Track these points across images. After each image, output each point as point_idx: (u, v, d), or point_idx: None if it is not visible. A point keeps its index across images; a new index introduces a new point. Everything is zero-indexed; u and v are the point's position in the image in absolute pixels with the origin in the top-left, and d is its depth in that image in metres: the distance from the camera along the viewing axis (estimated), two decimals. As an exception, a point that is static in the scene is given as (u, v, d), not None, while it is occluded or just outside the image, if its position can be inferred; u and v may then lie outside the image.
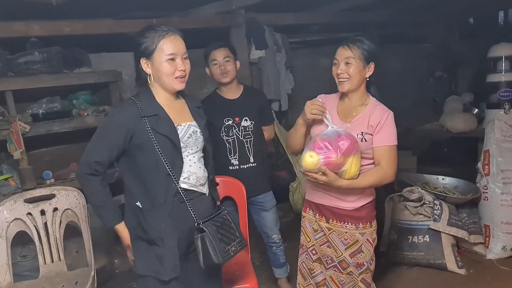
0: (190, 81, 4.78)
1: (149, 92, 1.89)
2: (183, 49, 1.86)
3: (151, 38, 1.82)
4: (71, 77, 3.31)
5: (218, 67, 2.76)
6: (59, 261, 2.43)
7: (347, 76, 2.08)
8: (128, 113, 1.83)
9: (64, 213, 2.46)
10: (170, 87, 1.87)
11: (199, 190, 1.94)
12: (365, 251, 2.19)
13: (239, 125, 2.78)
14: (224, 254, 1.86)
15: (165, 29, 1.84)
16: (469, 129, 3.99)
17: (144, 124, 1.82)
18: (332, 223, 2.20)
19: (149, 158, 1.82)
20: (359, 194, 2.16)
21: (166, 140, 1.83)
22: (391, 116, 2.11)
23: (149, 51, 1.82)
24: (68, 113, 3.38)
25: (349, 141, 1.95)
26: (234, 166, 2.80)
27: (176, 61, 1.83)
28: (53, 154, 3.59)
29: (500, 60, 3.78)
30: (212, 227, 1.87)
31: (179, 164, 1.88)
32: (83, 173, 1.83)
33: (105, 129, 1.86)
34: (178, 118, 1.90)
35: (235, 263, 2.63)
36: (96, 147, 1.84)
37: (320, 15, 4.87)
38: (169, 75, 1.84)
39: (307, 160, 1.95)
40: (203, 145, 1.98)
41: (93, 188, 1.84)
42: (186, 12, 4.09)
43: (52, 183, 3.17)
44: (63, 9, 3.16)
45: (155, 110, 1.85)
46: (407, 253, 3.26)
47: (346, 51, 2.08)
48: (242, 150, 2.79)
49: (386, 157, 2.07)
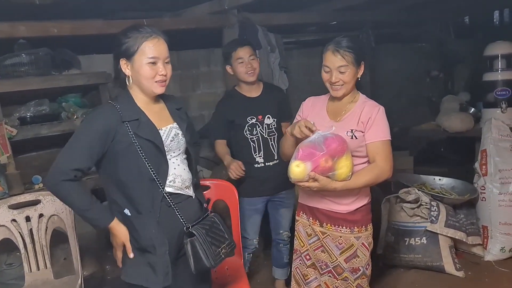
0: (183, 83, 4.78)
1: (128, 96, 1.82)
2: (166, 53, 1.80)
3: (133, 39, 1.76)
4: (59, 79, 3.23)
5: (244, 66, 2.69)
6: (45, 269, 2.36)
7: (342, 83, 2.04)
8: (108, 117, 1.75)
9: (50, 219, 2.40)
10: (149, 91, 1.82)
11: (185, 193, 1.89)
12: (361, 256, 2.13)
13: (262, 123, 2.75)
14: (215, 257, 1.82)
15: (148, 30, 1.77)
16: (466, 129, 3.93)
17: (125, 129, 1.75)
18: (326, 227, 2.15)
19: (131, 164, 1.76)
20: (354, 197, 2.10)
21: (149, 144, 1.77)
22: (382, 111, 2.06)
23: (130, 52, 1.75)
24: (57, 116, 3.32)
25: (337, 142, 1.89)
26: (259, 164, 2.77)
27: (158, 65, 1.78)
28: (43, 158, 3.51)
29: (497, 59, 3.75)
30: (202, 231, 1.81)
31: (165, 168, 1.82)
32: (57, 181, 1.70)
33: (84, 134, 1.75)
34: (160, 122, 1.85)
35: (228, 267, 2.57)
36: (74, 153, 1.72)
37: (315, 15, 4.81)
38: (149, 79, 1.78)
39: (294, 170, 1.90)
40: (185, 147, 1.93)
41: (74, 193, 1.72)
42: (177, 12, 4.03)
43: (41, 188, 3.10)
44: (51, 10, 3.10)
45: (136, 114, 1.79)
46: (404, 255, 3.20)
47: (338, 59, 2.01)
48: (266, 147, 2.77)
49: (380, 153, 2.02)
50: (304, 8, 4.69)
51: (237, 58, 2.70)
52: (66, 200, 1.77)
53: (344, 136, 2.02)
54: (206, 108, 4.66)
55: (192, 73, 4.60)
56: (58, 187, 1.71)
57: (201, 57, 4.65)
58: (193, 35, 4.26)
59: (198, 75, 4.64)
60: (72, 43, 3.52)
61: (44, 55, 3.19)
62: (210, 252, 1.80)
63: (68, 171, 1.69)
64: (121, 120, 1.75)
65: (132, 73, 1.79)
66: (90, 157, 1.72)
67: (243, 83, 2.78)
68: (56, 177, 1.70)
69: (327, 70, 2.05)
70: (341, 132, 2.03)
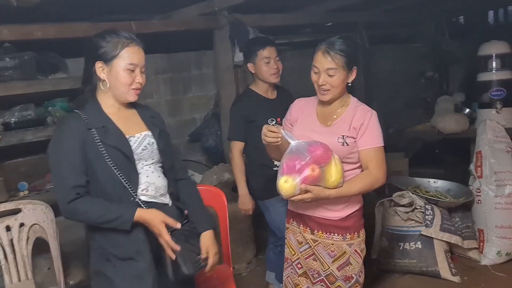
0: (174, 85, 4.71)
1: (95, 102, 1.78)
2: (143, 61, 1.78)
3: (113, 44, 1.72)
4: (45, 84, 3.16)
5: (270, 66, 2.62)
6: (26, 280, 2.28)
7: (329, 88, 1.96)
8: (75, 127, 1.70)
9: (32, 229, 2.31)
10: (123, 98, 1.78)
11: (159, 201, 1.83)
12: (353, 263, 2.06)
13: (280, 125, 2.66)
14: (195, 264, 1.77)
15: (128, 37, 1.75)
16: (461, 130, 3.88)
17: (92, 136, 1.70)
18: (317, 234, 2.08)
19: (103, 171, 1.70)
20: (346, 203, 2.04)
21: (117, 152, 1.72)
22: (375, 116, 1.99)
23: (109, 56, 1.72)
24: (42, 121, 3.24)
25: (321, 149, 1.83)
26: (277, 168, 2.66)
27: (135, 72, 1.75)
28: (28, 164, 3.43)
29: (491, 59, 3.71)
30: (181, 237, 1.75)
31: (135, 176, 1.76)
32: (64, 206, 1.65)
33: (60, 154, 1.68)
34: (129, 129, 1.79)
35: (216, 276, 2.50)
36: (63, 175, 1.67)
37: (307, 16, 4.76)
38: (125, 85, 1.75)
39: (283, 186, 1.84)
40: (159, 157, 1.86)
41: (86, 207, 1.66)
42: (166, 14, 3.96)
43: (25, 195, 3.04)
44: (35, 13, 3.03)
45: (102, 121, 1.74)
46: (399, 260, 3.14)
47: (327, 61, 1.93)
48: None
49: (374, 160, 1.96)
50: (296, 9, 4.64)
51: (263, 57, 2.61)
52: (81, 217, 1.70)
53: (335, 142, 1.96)
54: (198, 111, 4.60)
55: (183, 76, 4.53)
56: (69, 210, 1.66)
57: (192, 60, 4.58)
58: (183, 38, 4.20)
59: (189, 77, 4.57)
60: (58, 46, 3.45)
61: (29, 59, 3.12)
62: (191, 259, 1.75)
63: (68, 193, 1.64)
64: (86, 128, 1.70)
65: (108, 77, 1.74)
66: (78, 172, 1.67)
67: (262, 83, 2.69)
68: (62, 203, 1.66)
69: (316, 71, 1.98)
70: (332, 138, 1.97)
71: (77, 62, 3.69)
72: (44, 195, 3.05)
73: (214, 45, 4.13)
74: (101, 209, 1.66)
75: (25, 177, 3.27)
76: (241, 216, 3.42)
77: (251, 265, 3.53)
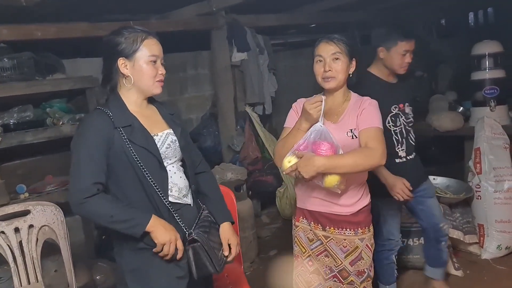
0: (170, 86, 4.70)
1: (119, 100, 1.73)
2: (162, 53, 1.76)
3: (132, 38, 1.69)
4: (44, 84, 3.11)
5: (405, 59, 2.45)
6: (36, 283, 2.24)
7: (334, 74, 1.98)
8: (101, 125, 1.65)
9: (41, 230, 2.27)
10: (149, 91, 1.75)
11: (183, 201, 1.80)
12: (365, 258, 2.08)
13: (404, 112, 2.51)
14: (218, 262, 1.76)
15: (144, 30, 1.74)
16: (456, 127, 3.95)
17: (119, 135, 1.66)
18: (329, 230, 2.08)
19: (129, 172, 1.67)
20: (357, 198, 2.05)
21: (144, 152, 1.68)
22: (375, 103, 2.03)
23: (130, 51, 1.69)
24: (41, 122, 3.19)
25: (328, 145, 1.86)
26: (401, 159, 2.52)
27: (157, 63, 1.73)
28: (28, 167, 3.37)
29: (484, 58, 3.78)
30: (204, 235, 1.74)
31: (164, 176, 1.73)
32: (79, 200, 1.58)
33: (83, 150, 1.63)
34: (153, 128, 1.75)
35: (227, 274, 2.50)
36: (85, 170, 1.61)
37: (302, 16, 4.79)
38: (151, 77, 1.72)
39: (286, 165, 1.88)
40: (181, 155, 1.83)
41: (102, 205, 1.60)
42: (164, 14, 3.95)
43: (26, 198, 2.98)
44: (35, 13, 2.99)
45: (128, 120, 1.70)
46: (403, 256, 3.17)
47: (332, 47, 1.97)
48: (408, 140, 2.53)
49: (373, 138, 1.92)
50: (291, 9, 4.67)
51: (403, 49, 2.43)
52: (94, 216, 1.64)
53: (344, 137, 1.97)
54: (194, 112, 4.59)
55: (180, 76, 4.53)
56: (82, 206, 1.59)
57: (188, 60, 4.58)
58: (180, 38, 4.18)
59: (185, 78, 4.56)
60: (56, 47, 3.41)
61: (27, 60, 3.07)
62: (215, 258, 1.74)
63: (88, 188, 1.59)
64: (113, 127, 1.66)
65: (132, 72, 1.71)
66: (100, 169, 1.63)
67: (385, 69, 2.51)
68: (77, 198, 1.59)
69: (320, 60, 2.00)
70: (341, 133, 1.98)
71: (74, 62, 3.69)
72: (45, 197, 3.01)
73: (211, 45, 4.13)
74: (118, 208, 1.62)
75: (23, 180, 3.20)
76: (243, 215, 3.43)
77: (254, 264, 3.53)
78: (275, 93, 4.61)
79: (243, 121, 4.21)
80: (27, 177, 3.30)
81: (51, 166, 3.37)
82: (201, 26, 3.95)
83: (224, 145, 4.18)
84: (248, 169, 3.93)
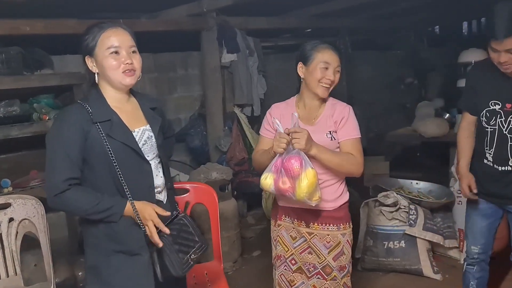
0: (159, 86, 4.69)
1: (99, 95, 1.72)
2: (129, 42, 1.71)
3: (92, 35, 1.68)
4: (31, 79, 3.11)
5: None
6: (15, 276, 2.24)
7: (333, 85, 2.07)
8: (77, 119, 1.65)
9: (21, 224, 2.27)
10: (118, 83, 1.70)
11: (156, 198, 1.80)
12: (346, 253, 2.14)
13: (508, 114, 2.12)
14: (182, 266, 1.72)
15: (105, 22, 1.71)
16: (442, 134, 4.00)
17: (96, 129, 1.65)
18: (313, 226, 2.12)
19: (103, 165, 1.67)
20: (338, 194, 2.12)
21: (123, 147, 1.68)
22: (352, 110, 2.12)
23: (90, 47, 1.68)
24: (28, 117, 3.19)
25: (291, 164, 1.90)
26: (488, 162, 2.24)
27: (121, 54, 1.68)
28: (12, 161, 3.38)
29: (470, 66, 3.81)
30: (168, 238, 1.71)
31: (148, 169, 1.75)
32: (52, 195, 1.61)
33: (58, 144, 1.64)
34: (132, 123, 1.75)
35: (207, 272, 2.51)
36: (57, 167, 1.62)
37: (293, 20, 4.83)
38: (114, 70, 1.67)
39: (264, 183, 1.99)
40: (158, 152, 1.83)
41: (76, 197, 1.62)
42: (154, 14, 3.96)
43: (10, 192, 2.98)
44: (23, 8, 2.99)
45: (107, 114, 1.68)
46: (383, 259, 3.20)
47: (337, 58, 2.06)
48: (501, 146, 2.17)
49: (354, 149, 2.06)
50: (282, 13, 4.70)
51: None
52: (70, 209, 1.69)
53: (324, 138, 2.04)
54: (183, 112, 4.60)
55: (169, 76, 4.54)
56: (57, 200, 1.61)
57: (178, 60, 4.58)
58: (170, 38, 4.20)
59: (175, 78, 4.57)
60: (44, 42, 3.41)
61: (15, 54, 3.08)
62: (178, 261, 1.71)
63: (59, 184, 1.60)
64: (91, 121, 1.65)
65: (98, 68, 1.70)
66: (74, 165, 1.63)
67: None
68: (51, 193, 1.62)
69: (327, 67, 2.03)
70: (320, 134, 2.03)
71: (62, 59, 3.69)
72: (29, 191, 2.99)
73: (201, 46, 4.14)
74: (92, 199, 1.63)
75: (7, 175, 3.19)
76: (227, 215, 3.44)
77: (237, 264, 3.54)
78: (264, 95, 4.62)
79: (230, 122, 4.22)
80: (12, 171, 3.30)
81: (36, 161, 3.34)
82: (191, 27, 3.97)
83: (212, 145, 4.19)
84: (234, 169, 3.94)
